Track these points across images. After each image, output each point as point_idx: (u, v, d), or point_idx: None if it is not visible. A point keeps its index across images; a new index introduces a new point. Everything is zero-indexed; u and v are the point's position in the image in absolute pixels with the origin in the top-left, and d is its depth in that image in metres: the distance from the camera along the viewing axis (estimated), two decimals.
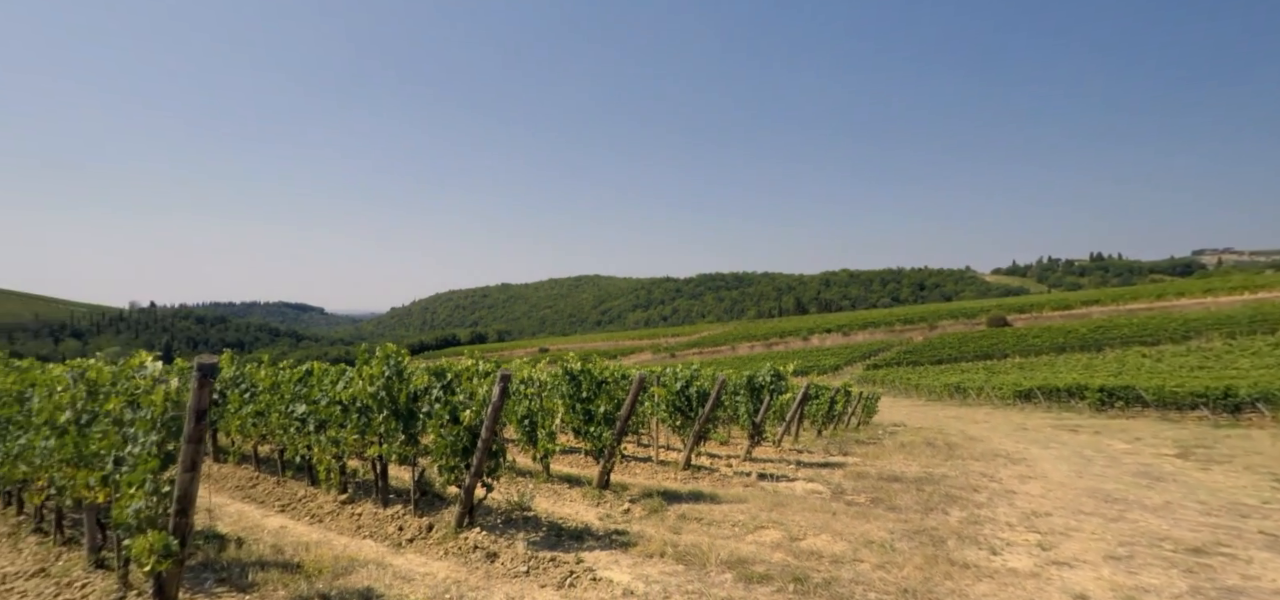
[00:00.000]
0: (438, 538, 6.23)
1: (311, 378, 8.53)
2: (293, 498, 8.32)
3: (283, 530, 6.89)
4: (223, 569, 5.49)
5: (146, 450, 4.45)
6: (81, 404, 5.50)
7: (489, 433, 6.22)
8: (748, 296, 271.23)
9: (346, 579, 5.20)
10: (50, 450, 5.62)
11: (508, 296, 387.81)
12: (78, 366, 5.70)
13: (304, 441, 8.45)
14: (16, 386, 6.68)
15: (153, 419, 4.51)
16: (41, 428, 5.94)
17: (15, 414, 6.58)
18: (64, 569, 5.42)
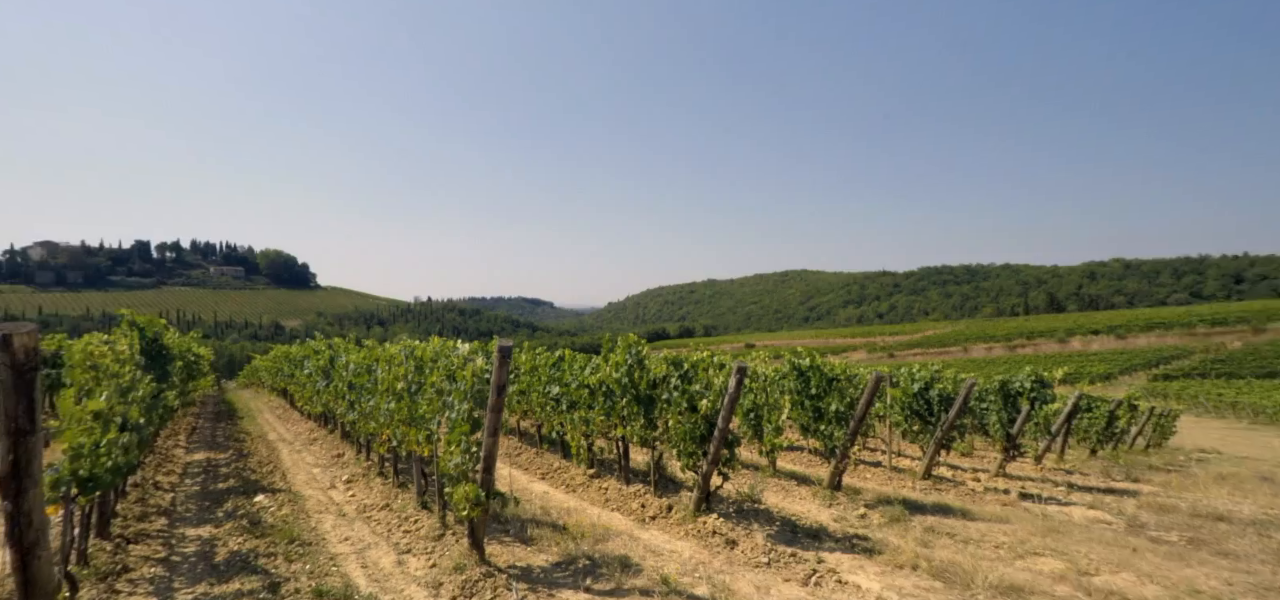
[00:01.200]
0: (677, 519, 6.60)
1: (564, 363, 9.67)
2: (549, 467, 9.53)
3: (546, 495, 7.92)
4: (506, 523, 6.50)
5: (461, 416, 5.48)
6: (411, 376, 6.97)
7: (725, 423, 6.41)
8: (982, 292, 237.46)
9: (604, 545, 5.79)
10: (391, 412, 7.23)
11: (713, 292, 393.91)
12: (408, 346, 7.24)
13: (558, 419, 9.63)
14: (366, 361, 8.72)
15: (465, 391, 5.53)
16: (384, 393, 7.68)
17: (365, 382, 8.58)
18: (401, 506, 6.92)
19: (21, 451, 3.20)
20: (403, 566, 5.27)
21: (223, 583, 4.80)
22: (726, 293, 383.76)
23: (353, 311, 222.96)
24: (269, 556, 5.37)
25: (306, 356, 14.03)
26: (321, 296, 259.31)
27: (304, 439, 12.42)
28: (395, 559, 5.46)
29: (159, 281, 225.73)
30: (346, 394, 9.42)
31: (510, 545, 5.82)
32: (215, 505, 7.27)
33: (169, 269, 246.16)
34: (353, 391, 9.11)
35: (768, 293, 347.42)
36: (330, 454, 10.40)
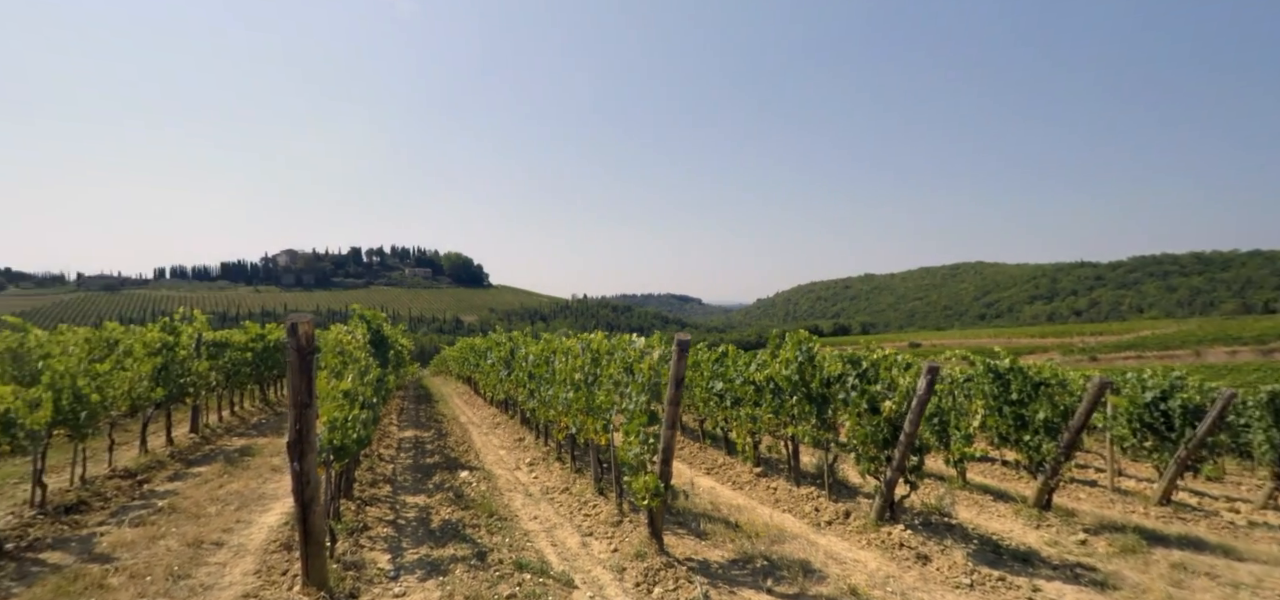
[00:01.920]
0: (856, 526, 6.22)
1: (727, 358, 9.61)
2: (713, 463, 9.52)
3: (713, 491, 7.91)
4: (678, 514, 6.59)
5: (639, 407, 5.65)
6: (588, 368, 7.36)
7: (913, 427, 5.90)
8: (1221, 284, 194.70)
9: (781, 547, 5.62)
10: (569, 401, 7.70)
11: (872, 287, 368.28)
12: (585, 339, 7.66)
13: (721, 415, 9.59)
14: (544, 353, 9.38)
15: (642, 383, 5.69)
16: (561, 383, 8.21)
17: (544, 372, 9.23)
18: (580, 490, 7.34)
19: (304, 421, 3.85)
20: (587, 548, 5.56)
21: (439, 547, 5.42)
22: (886, 288, 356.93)
23: (519, 308, 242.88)
24: (474, 527, 5.97)
25: (489, 348, 15.51)
26: (493, 294, 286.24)
27: (489, 423, 13.73)
28: (579, 540, 5.78)
29: (368, 282, 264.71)
30: (526, 383, 10.23)
31: (684, 537, 5.88)
32: (426, 477, 8.28)
33: (375, 271, 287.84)
34: (532, 381, 9.85)
35: (935, 287, 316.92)
36: (513, 437, 11.36)
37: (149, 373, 8.94)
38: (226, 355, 12.63)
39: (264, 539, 5.56)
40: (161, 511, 6.38)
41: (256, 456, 9.32)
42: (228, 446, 10.23)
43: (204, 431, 11.16)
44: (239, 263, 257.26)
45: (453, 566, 4.88)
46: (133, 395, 8.53)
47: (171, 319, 10.26)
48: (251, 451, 9.68)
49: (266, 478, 8.00)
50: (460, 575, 4.68)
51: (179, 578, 4.64)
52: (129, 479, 7.65)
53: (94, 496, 6.79)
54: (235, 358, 13.13)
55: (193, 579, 4.65)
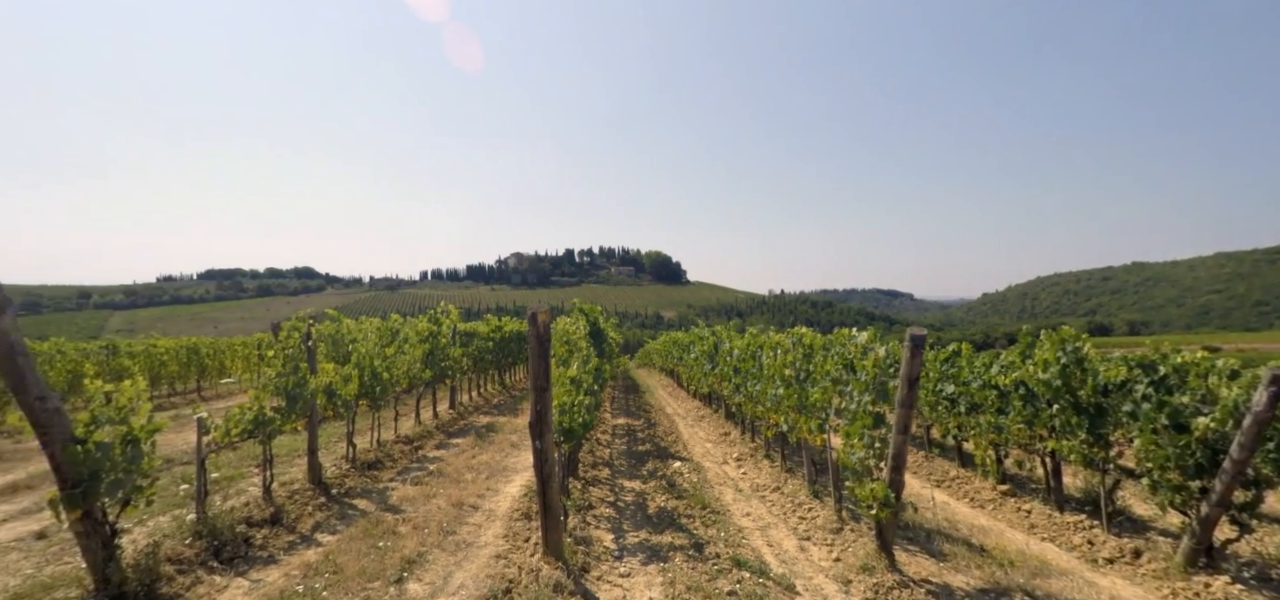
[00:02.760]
0: (1153, 570, 4.97)
1: (960, 358, 8.46)
2: (944, 475, 8.46)
3: (947, 507, 7.00)
4: (906, 529, 5.93)
5: (862, 408, 5.19)
6: (799, 364, 7.02)
7: (1245, 453, 4.52)
8: None
9: (1046, 583, 4.72)
10: (779, 397, 7.43)
11: (1142, 278, 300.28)
12: (796, 334, 7.33)
13: (952, 422, 8.47)
14: (751, 347, 9.22)
15: (867, 381, 5.22)
16: (770, 379, 7.97)
17: (750, 367, 9.07)
18: (792, 491, 7.03)
19: (543, 403, 4.20)
20: (806, 553, 5.27)
21: (657, 533, 5.58)
22: (1165, 277, 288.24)
23: (716, 304, 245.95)
24: (688, 518, 6.05)
25: (692, 342, 15.82)
26: (691, 290, 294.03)
27: (694, 415, 13.99)
28: (796, 543, 5.50)
29: (579, 280, 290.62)
30: (732, 377, 10.16)
31: (917, 556, 5.26)
32: (639, 464, 8.67)
33: (585, 270, 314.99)
34: (738, 375, 9.75)
35: (1243, 276, 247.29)
36: (718, 431, 11.41)
37: (420, 357, 10.75)
38: (474, 344, 14.71)
39: (509, 507, 6.27)
40: (432, 474, 7.58)
41: (499, 433, 10.65)
42: (477, 422, 11.86)
43: (459, 408, 13.13)
44: (479, 265, 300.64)
45: (671, 554, 4.97)
46: (409, 374, 10.33)
47: (434, 312, 12.22)
48: (495, 428, 11.10)
49: (507, 452, 9.08)
50: (680, 564, 4.74)
51: (448, 533, 5.43)
52: (408, 444, 9.27)
53: (385, 456, 8.34)
54: (480, 346, 15.23)
55: (457, 535, 5.41)
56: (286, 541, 5.19)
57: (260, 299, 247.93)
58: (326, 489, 6.61)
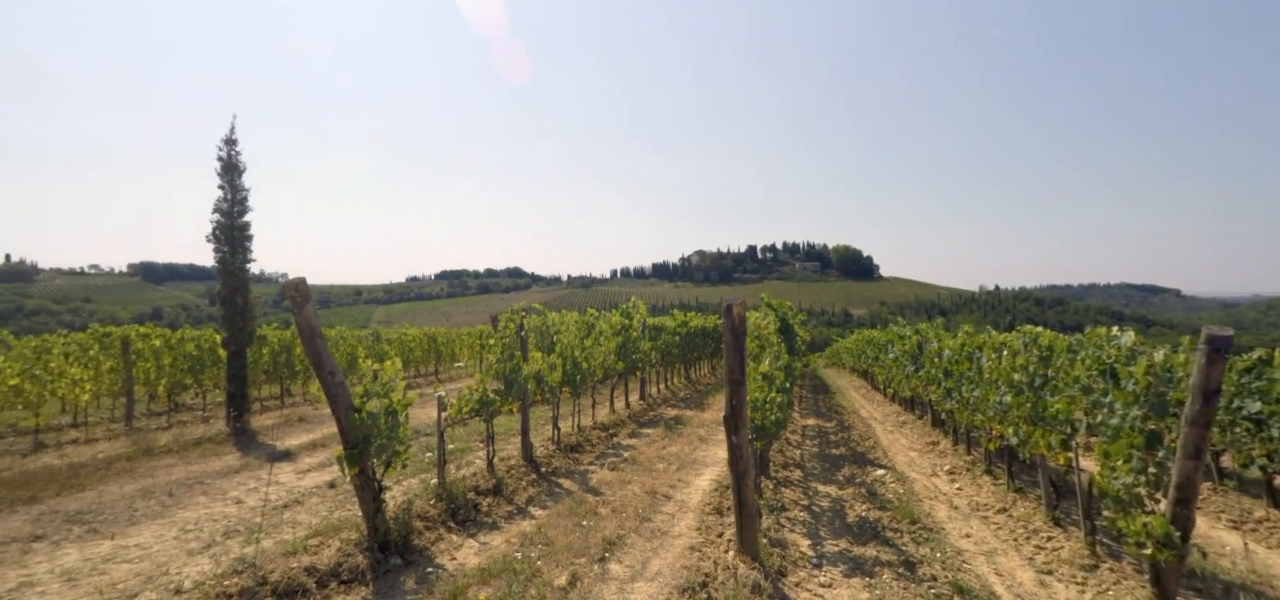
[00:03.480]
0: None
1: (1272, 369, 6.55)
2: (1244, 515, 6.61)
3: (1253, 555, 5.45)
4: (1192, 578, 4.73)
5: (1130, 425, 4.24)
6: (1033, 368, 5.99)
7: None
8: None
9: None
10: (1006, 405, 6.42)
11: None
12: (1029, 333, 6.27)
13: (1259, 449, 6.59)
14: (967, 348, 8.14)
15: (1136, 392, 4.24)
16: (992, 384, 6.94)
17: (965, 370, 8.00)
18: (1024, 514, 6.04)
19: (738, 397, 4.09)
20: (1048, 591, 4.46)
21: (860, 544, 5.16)
22: None
23: (913, 301, 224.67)
24: (895, 531, 5.51)
25: (890, 341, 14.52)
26: (884, 287, 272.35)
27: (892, 420, 12.84)
28: (1034, 577, 4.69)
29: (762, 277, 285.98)
30: (941, 381, 9.08)
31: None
32: (833, 468, 8.16)
33: (768, 266, 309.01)
34: (949, 379, 8.68)
35: None
36: (923, 439, 10.30)
37: (614, 349, 11.36)
38: (661, 338, 15.18)
39: (700, 500, 6.29)
40: (626, 461, 7.93)
41: (687, 426, 10.83)
42: (665, 414, 12.21)
43: (648, 399, 13.64)
44: (664, 263, 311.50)
45: (878, 570, 4.55)
46: (604, 365, 10.97)
47: (625, 307, 12.83)
48: (682, 422, 11.31)
49: (696, 445, 9.17)
50: (888, 581, 4.32)
51: (643, 519, 5.61)
52: (604, 431, 9.84)
53: (585, 441, 8.94)
54: (667, 340, 15.66)
55: (652, 523, 5.56)
56: (506, 511, 5.79)
57: (480, 295, 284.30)
58: (536, 467, 7.27)
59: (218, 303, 10.47)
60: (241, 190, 10.28)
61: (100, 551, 4.75)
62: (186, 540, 5.00)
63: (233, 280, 10.38)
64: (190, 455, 8.46)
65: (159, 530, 5.25)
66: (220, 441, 9.37)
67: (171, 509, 5.89)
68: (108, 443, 9.54)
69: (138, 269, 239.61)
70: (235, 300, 10.44)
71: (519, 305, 9.02)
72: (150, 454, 8.40)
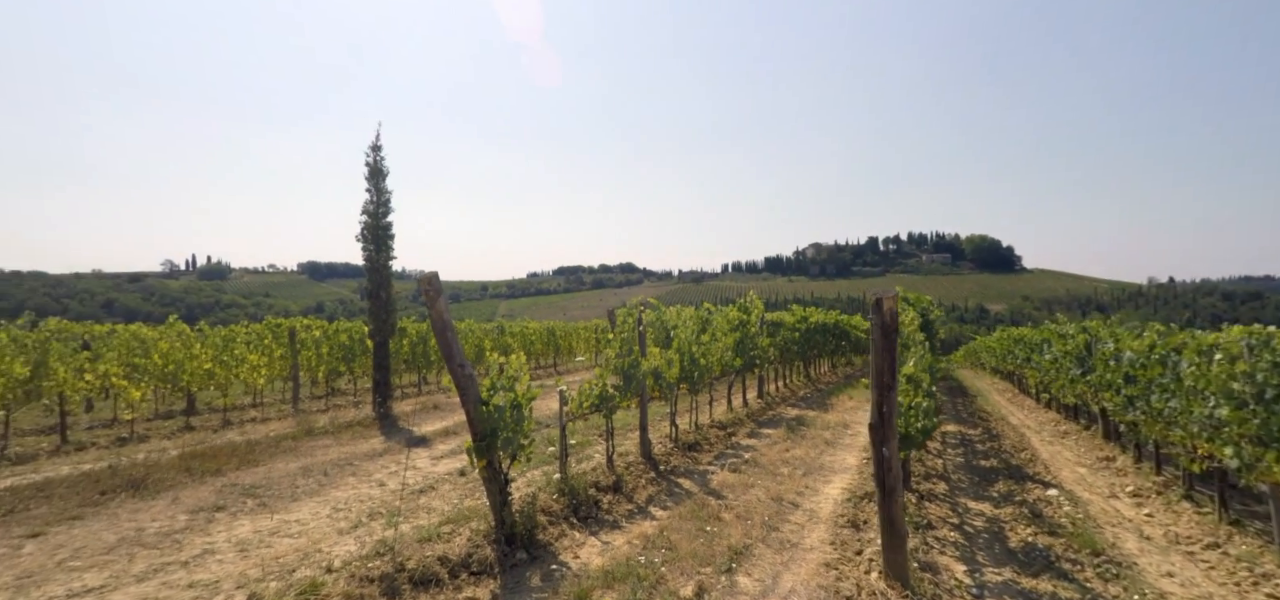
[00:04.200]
0: None
1: None
2: None
3: None
4: None
5: None
6: (1265, 376, 4.85)
7: None
8: None
9: None
10: (1220, 420, 5.29)
11: None
12: (1258, 334, 5.11)
13: None
14: (1158, 350, 6.87)
15: None
16: (1198, 394, 5.75)
17: (1156, 376, 6.75)
18: (1246, 554, 4.92)
19: (887, 403, 3.62)
20: None
21: (1029, 575, 4.45)
22: None
23: (1063, 295, 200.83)
24: (1072, 563, 4.70)
25: (1046, 340, 12.82)
26: (1027, 280, 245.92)
27: (1050, 429, 11.31)
28: None
29: (883, 270, 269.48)
30: (1121, 387, 7.76)
31: None
32: (984, 483, 7.25)
33: (891, 259, 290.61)
34: (1132, 385, 7.39)
35: None
36: (1093, 453, 8.92)
37: (731, 345, 10.98)
38: (780, 334, 14.54)
39: (831, 511, 5.80)
40: (747, 463, 7.56)
41: (810, 428, 10.21)
42: (785, 414, 11.64)
43: (767, 398, 13.11)
44: (776, 257, 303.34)
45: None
46: (721, 362, 10.63)
47: (743, 302, 12.38)
48: (805, 423, 10.69)
49: (822, 449, 8.58)
50: None
51: (770, 528, 5.25)
52: (722, 430, 9.52)
53: (702, 439, 8.67)
54: (786, 336, 14.98)
55: (780, 532, 5.18)
56: (626, 509, 5.68)
57: (594, 290, 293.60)
58: (655, 464, 7.12)
59: (365, 297, 11.43)
60: (385, 193, 11.13)
61: (268, 525, 5.23)
62: (337, 519, 5.37)
63: (377, 276, 11.28)
64: (343, 437, 9.27)
65: (315, 508, 5.71)
66: (367, 425, 10.21)
67: (326, 488, 6.41)
68: (278, 422, 10.74)
69: (304, 268, 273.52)
70: (379, 295, 11.33)
71: (634, 300, 8.96)
72: (311, 434, 9.30)
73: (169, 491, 6.14)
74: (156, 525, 5.13)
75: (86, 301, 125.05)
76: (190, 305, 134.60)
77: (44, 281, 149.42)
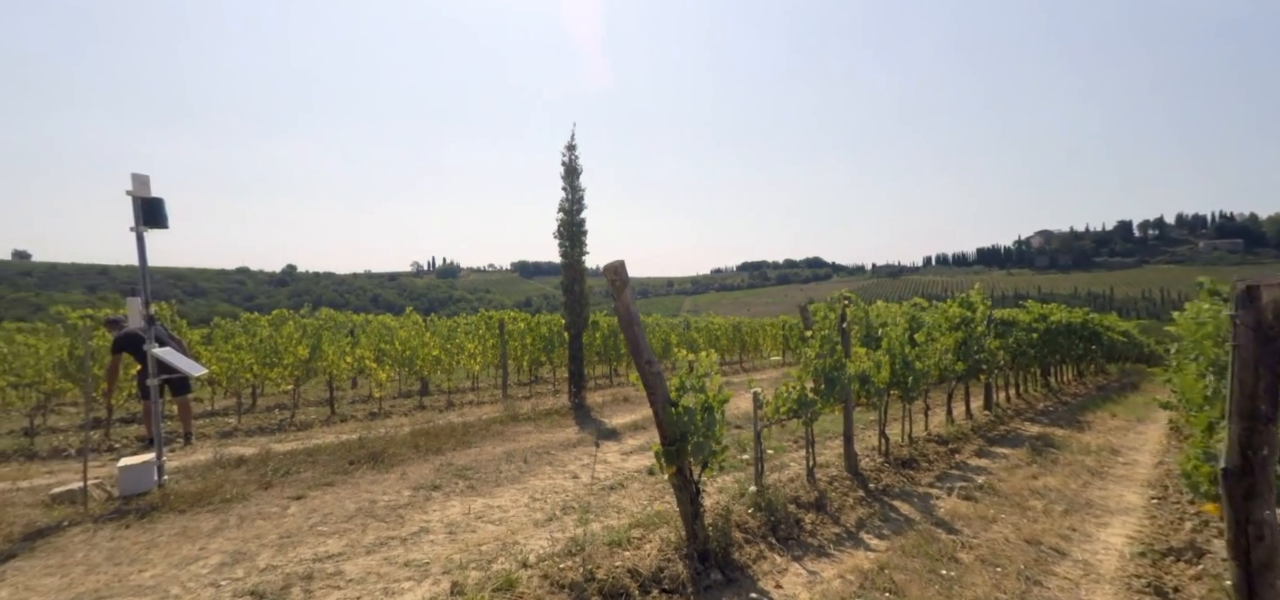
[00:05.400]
0: None
1: None
2: None
3: None
4: None
5: None
6: None
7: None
8: None
9: None
10: None
11: None
12: None
13: None
14: None
15: None
16: None
17: None
18: None
19: (1259, 440, 2.44)
20: None
21: None
22: None
23: None
24: None
25: None
26: None
27: None
28: None
29: (1140, 260, 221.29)
30: None
31: None
32: None
33: (1150, 247, 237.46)
34: None
35: None
36: None
37: (952, 346, 9.38)
38: (1012, 335, 12.23)
39: (1117, 568, 4.41)
40: (982, 490, 6.24)
41: (1062, 451, 8.29)
42: (1024, 431, 9.66)
43: (996, 410, 11.07)
44: (993, 247, 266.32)
45: None
46: (939, 366, 9.11)
47: (966, 297, 10.56)
48: (1052, 443, 8.73)
49: (1085, 481, 6.83)
50: None
51: (1031, 581, 4.11)
52: (942, 445, 8.12)
53: (918, 455, 7.44)
54: (1020, 338, 12.57)
55: (1046, 589, 4.02)
56: (832, 533, 4.91)
57: (778, 286, 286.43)
58: (863, 481, 6.19)
59: (563, 292, 11.98)
60: (579, 190, 11.53)
61: (474, 507, 5.46)
62: (533, 510, 5.43)
63: (572, 271, 11.75)
64: (542, 424, 9.73)
65: (515, 495, 5.87)
66: (563, 414, 10.64)
67: (525, 475, 6.62)
68: (490, 406, 11.73)
69: (516, 266, 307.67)
70: (574, 289, 11.79)
71: (835, 294, 7.99)
72: (515, 420, 9.92)
73: (399, 466, 6.82)
74: (387, 498, 5.65)
75: (359, 296, 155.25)
76: (429, 300, 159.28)
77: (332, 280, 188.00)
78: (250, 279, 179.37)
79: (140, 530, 4.76)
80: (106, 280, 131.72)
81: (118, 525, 4.86)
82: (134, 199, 5.71)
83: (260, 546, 4.46)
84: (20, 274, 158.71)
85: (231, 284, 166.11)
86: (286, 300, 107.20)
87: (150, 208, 5.80)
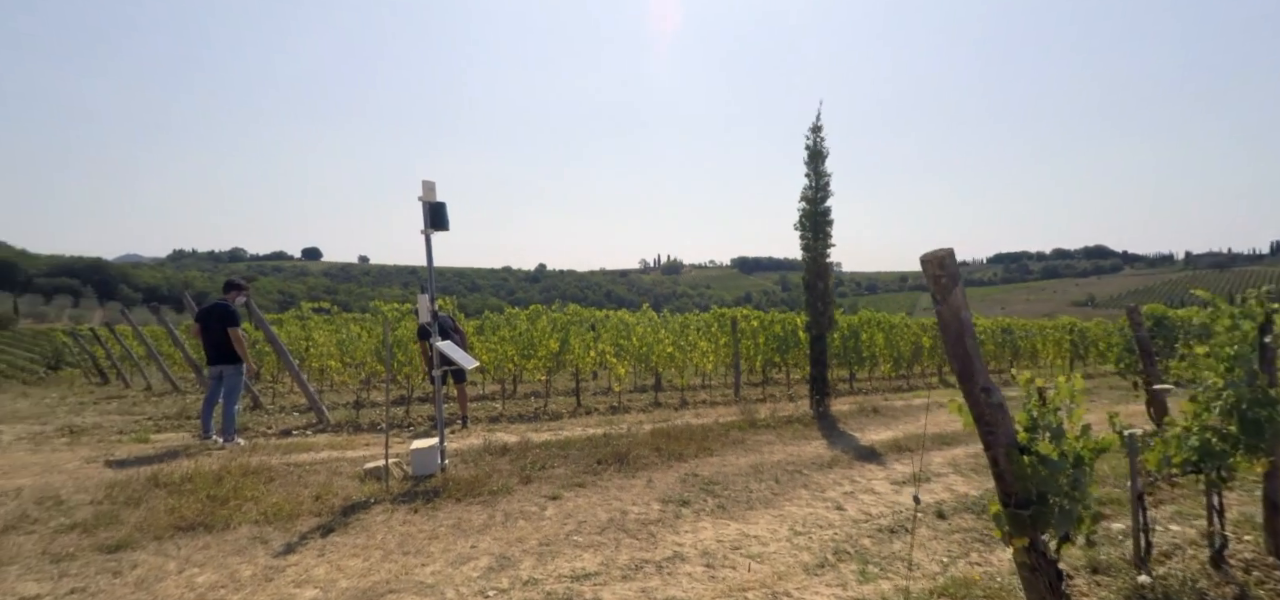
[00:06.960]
0: None
1: None
2: None
3: None
4: None
5: None
6: None
7: None
8: None
9: None
10: None
11: None
12: None
13: None
14: None
15: None
16: None
17: None
18: None
19: None
20: None
21: None
22: None
23: None
24: None
25: None
26: None
27: None
28: None
29: None
30: None
31: None
32: None
33: None
34: None
35: None
36: None
37: None
38: None
39: None
40: None
41: None
42: None
43: None
44: None
45: None
46: None
47: None
48: None
49: None
50: None
51: None
52: None
53: None
54: None
55: None
56: None
57: (1045, 281, 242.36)
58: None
59: (804, 288, 10.89)
60: (824, 176, 10.32)
61: (728, 535, 4.82)
62: (797, 546, 4.59)
63: (816, 266, 10.59)
64: (784, 433, 8.82)
65: (771, 524, 5.09)
66: (806, 424, 9.58)
67: (778, 499, 5.80)
68: (724, 408, 11.19)
69: (736, 262, 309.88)
70: (817, 285, 10.62)
71: (1260, 289, 5.61)
72: (754, 426, 9.18)
73: (644, 472, 6.54)
74: (636, 510, 5.32)
75: (595, 291, 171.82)
76: (655, 295, 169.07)
77: (574, 276, 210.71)
78: (511, 276, 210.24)
79: (425, 518, 5.07)
80: (415, 279, 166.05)
81: (409, 509, 5.27)
82: (423, 203, 6.25)
83: (522, 552, 4.36)
84: (362, 274, 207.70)
85: (497, 280, 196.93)
86: (539, 295, 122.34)
87: (435, 212, 6.31)
